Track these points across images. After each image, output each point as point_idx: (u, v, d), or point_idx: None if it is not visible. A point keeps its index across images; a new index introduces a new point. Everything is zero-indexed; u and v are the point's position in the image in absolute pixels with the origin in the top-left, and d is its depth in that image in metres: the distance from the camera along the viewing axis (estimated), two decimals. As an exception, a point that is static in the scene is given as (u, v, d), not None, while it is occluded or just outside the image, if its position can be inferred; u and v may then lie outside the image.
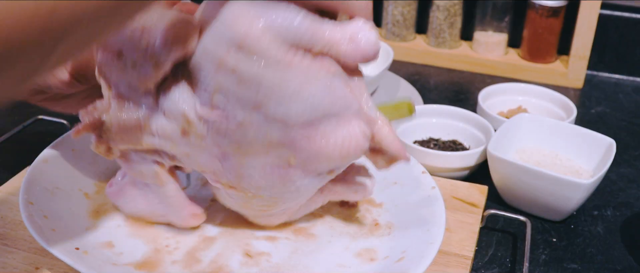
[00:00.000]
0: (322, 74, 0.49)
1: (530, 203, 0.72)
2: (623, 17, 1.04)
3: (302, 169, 0.53)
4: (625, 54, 1.06)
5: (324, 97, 0.50)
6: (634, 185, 0.80)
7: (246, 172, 0.53)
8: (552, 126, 0.78)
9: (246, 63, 0.47)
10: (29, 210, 0.57)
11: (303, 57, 0.48)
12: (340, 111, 0.51)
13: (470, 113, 0.83)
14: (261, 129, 0.50)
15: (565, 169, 0.75)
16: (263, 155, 0.52)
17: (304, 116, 0.49)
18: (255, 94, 0.48)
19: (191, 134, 0.52)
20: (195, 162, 0.54)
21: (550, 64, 1.06)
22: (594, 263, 0.67)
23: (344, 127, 0.51)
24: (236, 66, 0.47)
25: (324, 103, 0.50)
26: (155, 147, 0.54)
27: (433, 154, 0.75)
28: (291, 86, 0.48)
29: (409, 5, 1.09)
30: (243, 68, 0.47)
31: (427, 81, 1.06)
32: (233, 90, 0.48)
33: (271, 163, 0.52)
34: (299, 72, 0.48)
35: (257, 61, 0.47)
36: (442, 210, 0.60)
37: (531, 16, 1.03)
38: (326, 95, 0.50)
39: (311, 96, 0.49)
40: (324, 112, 0.50)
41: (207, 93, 0.50)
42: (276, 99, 0.48)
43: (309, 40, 0.48)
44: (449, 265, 0.60)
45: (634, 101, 1.02)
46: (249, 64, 0.47)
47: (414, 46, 1.11)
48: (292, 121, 0.49)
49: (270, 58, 0.47)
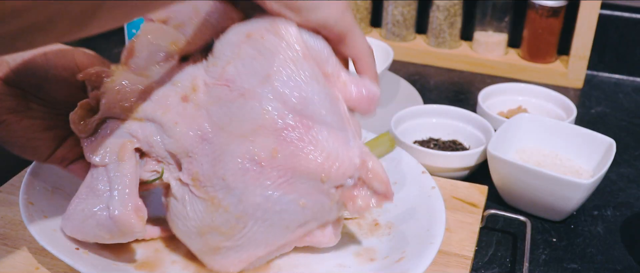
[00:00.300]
0: (332, 87, 0.53)
1: (530, 203, 0.72)
2: (623, 17, 1.04)
3: (278, 171, 0.51)
4: (625, 54, 1.06)
5: (327, 101, 0.51)
6: (634, 185, 0.80)
7: (223, 158, 0.51)
8: (552, 126, 0.78)
9: (271, 41, 0.51)
10: (29, 210, 0.57)
11: (320, 69, 0.53)
12: (337, 125, 0.52)
13: (470, 113, 0.83)
14: (261, 104, 0.50)
15: (565, 169, 0.75)
16: (248, 142, 0.50)
17: (304, 104, 0.50)
18: (270, 65, 0.51)
19: (190, 102, 0.52)
20: (177, 136, 0.52)
21: (550, 64, 1.06)
22: (594, 263, 0.67)
23: (337, 143, 0.51)
24: (262, 43, 0.51)
25: (326, 106, 0.51)
26: (145, 114, 0.53)
27: (433, 154, 0.75)
28: (302, 74, 0.51)
29: (409, 5, 1.09)
30: (267, 44, 0.51)
31: (427, 81, 1.06)
32: (250, 59, 0.51)
33: (251, 155, 0.50)
34: (314, 71, 0.51)
35: (281, 44, 0.51)
36: (442, 210, 0.60)
37: (531, 16, 1.03)
38: (329, 102, 0.51)
39: (317, 93, 0.51)
40: (322, 114, 0.51)
41: (219, 67, 0.52)
42: (286, 76, 0.50)
43: (328, 65, 0.53)
44: (449, 265, 0.60)
45: (634, 101, 1.02)
46: (273, 43, 0.51)
47: (414, 46, 1.11)
48: (291, 104, 0.50)
49: (292, 47, 0.51)
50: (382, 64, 0.96)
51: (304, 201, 0.52)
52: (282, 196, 0.51)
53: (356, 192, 0.53)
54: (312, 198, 0.52)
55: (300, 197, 0.52)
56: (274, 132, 0.50)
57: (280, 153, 0.50)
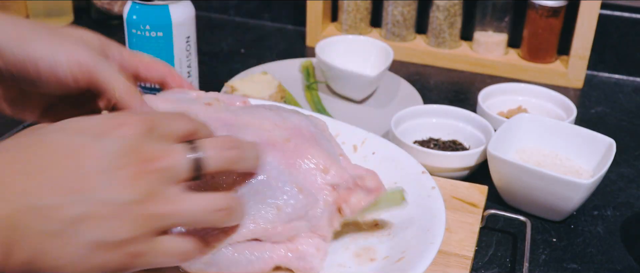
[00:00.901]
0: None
1: (530, 203, 0.72)
2: (623, 17, 1.04)
3: (285, 152, 0.55)
4: (625, 54, 1.06)
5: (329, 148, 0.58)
6: (633, 185, 0.80)
7: (238, 134, 0.55)
8: (552, 126, 0.78)
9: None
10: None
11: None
12: (309, 191, 0.55)
13: (470, 113, 0.83)
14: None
15: (565, 170, 0.75)
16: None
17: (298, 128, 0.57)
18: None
19: (213, 105, 0.59)
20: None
21: (550, 64, 1.06)
22: (593, 263, 0.67)
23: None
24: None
25: (324, 149, 0.57)
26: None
27: (433, 154, 0.75)
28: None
29: (409, 5, 1.09)
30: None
31: (427, 81, 1.06)
32: None
33: (267, 138, 0.55)
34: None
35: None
36: (442, 210, 0.60)
37: (531, 16, 1.03)
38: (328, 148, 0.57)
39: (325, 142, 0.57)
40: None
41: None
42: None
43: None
44: (449, 265, 0.60)
45: (634, 101, 1.02)
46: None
47: (414, 46, 1.11)
48: (295, 124, 0.55)
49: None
50: (382, 64, 0.96)
51: (301, 186, 0.54)
52: (283, 172, 0.54)
53: (349, 194, 0.56)
54: (309, 186, 0.54)
55: (300, 181, 0.54)
56: (271, 146, 0.55)
57: (293, 141, 0.55)
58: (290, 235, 0.54)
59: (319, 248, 0.55)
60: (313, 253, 0.55)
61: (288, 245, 0.55)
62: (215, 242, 0.51)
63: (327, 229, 0.56)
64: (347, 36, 1.04)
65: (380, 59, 0.98)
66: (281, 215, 0.53)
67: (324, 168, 0.55)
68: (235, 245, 0.52)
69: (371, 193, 0.56)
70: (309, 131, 0.59)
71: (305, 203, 0.54)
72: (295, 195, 0.53)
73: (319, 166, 0.55)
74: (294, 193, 0.53)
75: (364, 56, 1.00)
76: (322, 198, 0.55)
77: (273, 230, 0.53)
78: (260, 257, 0.53)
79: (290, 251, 0.55)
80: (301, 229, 0.55)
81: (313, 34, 1.14)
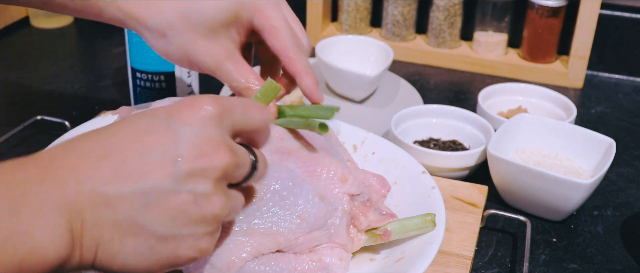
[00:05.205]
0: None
1: (530, 203, 0.72)
2: (623, 17, 1.04)
3: (304, 160, 0.55)
4: (625, 54, 1.07)
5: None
6: (634, 185, 0.80)
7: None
8: (552, 126, 0.78)
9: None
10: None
11: None
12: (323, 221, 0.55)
13: (470, 113, 0.83)
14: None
15: (565, 170, 0.75)
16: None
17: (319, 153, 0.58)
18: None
19: None
20: None
21: (550, 64, 1.06)
22: (594, 263, 0.67)
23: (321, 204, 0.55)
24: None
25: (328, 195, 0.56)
26: None
27: (433, 154, 0.75)
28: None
29: (409, 5, 1.09)
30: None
31: (427, 81, 1.06)
32: None
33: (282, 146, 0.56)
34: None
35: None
36: (442, 210, 0.60)
37: (531, 16, 1.03)
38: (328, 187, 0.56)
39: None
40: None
41: None
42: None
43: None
44: (449, 265, 0.60)
45: (634, 101, 1.02)
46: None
47: (414, 46, 1.11)
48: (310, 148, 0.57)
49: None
50: (382, 64, 0.96)
51: (322, 194, 0.54)
52: (305, 180, 0.54)
53: (367, 209, 0.57)
54: (329, 195, 0.55)
55: (321, 189, 0.54)
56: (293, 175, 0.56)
57: (306, 149, 0.56)
58: (311, 246, 0.55)
59: (342, 258, 0.55)
60: (337, 263, 0.55)
61: (311, 255, 0.55)
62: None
63: (346, 238, 0.56)
64: (347, 35, 1.04)
65: (380, 59, 0.98)
66: (302, 225, 0.53)
67: (342, 177, 0.56)
68: (260, 257, 0.52)
69: (385, 217, 0.57)
70: (319, 138, 0.59)
71: (326, 212, 0.54)
72: (317, 204, 0.53)
73: (337, 175, 0.56)
74: (316, 201, 0.54)
75: (364, 56, 1.00)
76: (341, 207, 0.55)
77: (295, 240, 0.53)
78: (286, 268, 0.53)
79: (313, 261, 0.54)
80: (321, 239, 0.55)
81: (313, 34, 1.14)
